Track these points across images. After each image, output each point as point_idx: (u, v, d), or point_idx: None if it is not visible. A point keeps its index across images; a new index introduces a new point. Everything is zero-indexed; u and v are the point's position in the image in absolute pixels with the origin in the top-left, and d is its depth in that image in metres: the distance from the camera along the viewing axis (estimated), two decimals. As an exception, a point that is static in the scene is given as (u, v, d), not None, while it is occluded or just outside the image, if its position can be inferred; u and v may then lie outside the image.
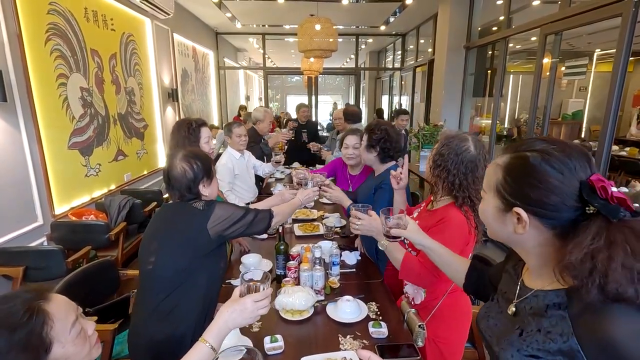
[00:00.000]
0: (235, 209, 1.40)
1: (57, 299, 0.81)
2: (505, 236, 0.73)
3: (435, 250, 1.12)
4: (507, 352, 0.70)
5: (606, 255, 0.56)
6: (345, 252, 2.01)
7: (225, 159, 2.70)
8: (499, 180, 0.70)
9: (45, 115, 2.76)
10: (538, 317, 0.67)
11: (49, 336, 0.75)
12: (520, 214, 0.66)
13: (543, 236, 0.67)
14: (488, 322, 0.81)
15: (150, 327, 1.30)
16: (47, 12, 2.82)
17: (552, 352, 0.63)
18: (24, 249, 2.40)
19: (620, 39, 2.62)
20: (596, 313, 0.58)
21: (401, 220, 1.14)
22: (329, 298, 1.60)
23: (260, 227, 1.45)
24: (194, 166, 1.33)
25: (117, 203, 3.16)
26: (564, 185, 0.62)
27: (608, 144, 2.83)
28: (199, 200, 1.36)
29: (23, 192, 2.60)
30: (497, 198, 0.71)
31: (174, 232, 1.32)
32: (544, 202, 0.63)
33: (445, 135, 1.42)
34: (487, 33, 4.94)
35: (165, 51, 5.17)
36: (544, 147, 0.65)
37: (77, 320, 0.82)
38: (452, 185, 1.33)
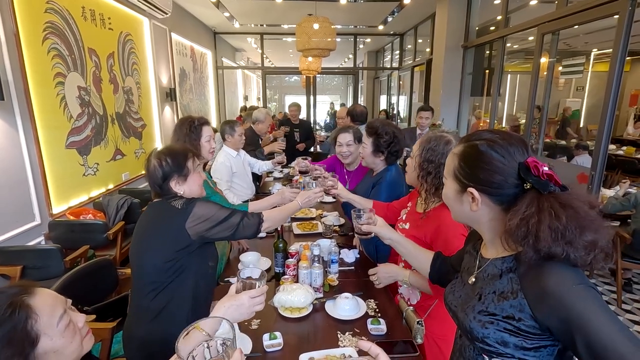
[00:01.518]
0: (219, 209, 1.33)
1: (42, 293, 0.81)
2: (465, 215, 0.85)
3: (401, 243, 1.25)
4: (470, 316, 0.81)
5: (536, 219, 0.68)
6: (344, 250, 2.01)
7: (223, 157, 2.70)
8: (455, 166, 0.83)
9: (43, 114, 2.75)
10: (493, 280, 0.80)
11: (34, 330, 0.75)
12: (474, 193, 0.78)
13: (493, 211, 0.79)
14: (453, 296, 0.92)
15: (142, 327, 1.31)
16: (45, 11, 2.82)
17: (505, 309, 0.74)
18: (22, 248, 2.39)
19: (617, 37, 2.64)
20: (535, 270, 0.71)
21: (371, 219, 1.26)
22: (327, 295, 1.60)
23: (247, 232, 1.37)
24: (163, 163, 1.30)
25: (115, 202, 3.16)
26: (505, 166, 0.75)
27: (605, 143, 2.85)
28: (179, 198, 1.32)
29: (20, 191, 2.59)
30: (455, 182, 0.83)
31: (154, 231, 1.31)
32: (490, 181, 0.76)
33: (427, 138, 1.40)
34: (485, 33, 4.96)
35: (163, 51, 5.16)
36: (490, 137, 0.78)
37: (65, 313, 0.83)
38: None
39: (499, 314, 0.75)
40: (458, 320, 0.87)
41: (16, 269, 2.24)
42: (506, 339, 0.75)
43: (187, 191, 1.35)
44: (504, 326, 0.75)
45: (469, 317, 0.81)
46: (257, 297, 0.97)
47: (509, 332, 0.74)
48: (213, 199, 1.84)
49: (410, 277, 1.38)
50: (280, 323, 1.44)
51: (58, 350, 0.79)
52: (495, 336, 0.76)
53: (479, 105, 6.63)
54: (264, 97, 9.38)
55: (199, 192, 1.39)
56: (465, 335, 0.86)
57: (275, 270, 1.79)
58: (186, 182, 1.34)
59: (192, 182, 1.35)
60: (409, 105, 8.17)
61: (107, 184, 3.68)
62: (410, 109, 8.12)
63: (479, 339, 0.79)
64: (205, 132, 1.86)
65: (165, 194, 1.33)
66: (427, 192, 1.39)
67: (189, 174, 1.34)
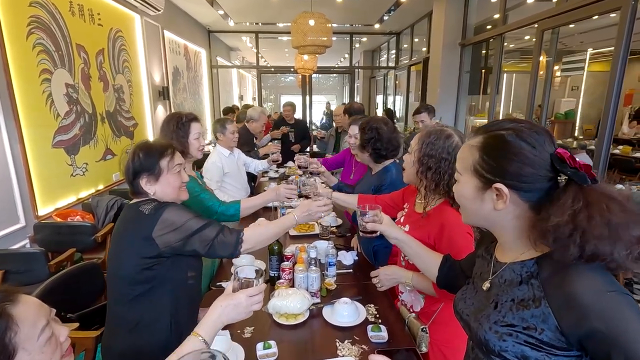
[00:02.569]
0: (192, 218, 1.18)
1: (26, 302, 0.75)
2: (483, 215, 0.76)
3: (408, 243, 1.17)
4: (485, 326, 0.73)
5: (586, 214, 0.61)
6: (342, 252, 1.93)
7: (215, 157, 2.61)
8: (476, 160, 0.73)
9: (28, 112, 2.64)
10: (511, 287, 0.72)
11: (12, 342, 0.69)
12: (501, 189, 0.70)
13: (519, 209, 0.71)
14: (465, 303, 0.84)
15: (119, 338, 1.23)
16: (29, 4, 2.71)
17: (526, 319, 0.67)
18: (4, 251, 2.27)
19: (619, 34, 2.58)
20: (561, 275, 0.64)
21: (377, 217, 1.18)
22: (325, 300, 1.52)
23: (223, 251, 1.21)
24: (135, 158, 1.21)
25: (105, 203, 3.05)
26: (537, 157, 0.67)
27: (607, 143, 2.79)
28: (150, 201, 1.21)
29: (4, 192, 2.48)
30: (475, 177, 0.74)
31: (124, 238, 1.21)
32: (520, 174, 0.68)
33: (426, 132, 1.32)
34: (483, 31, 4.91)
35: (155, 48, 5.05)
36: (515, 126, 0.70)
37: (48, 325, 0.75)
38: (448, 187, 1.24)
39: (519, 324, 0.68)
40: (471, 330, 0.79)
41: (-2, 273, 2.13)
42: (527, 353, 0.67)
43: (158, 192, 1.24)
44: (524, 339, 0.67)
45: (483, 327, 0.73)
46: (256, 296, 0.91)
47: (530, 346, 0.66)
48: (202, 197, 1.76)
49: (414, 279, 1.30)
50: (275, 331, 1.36)
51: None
52: (514, 350, 0.68)
53: (475, 105, 6.60)
54: (260, 96, 9.29)
55: (173, 195, 1.27)
56: (479, 348, 0.78)
57: (270, 274, 1.70)
58: (158, 182, 1.23)
59: (165, 184, 1.24)
60: (406, 105, 8.12)
61: (97, 185, 3.57)
62: (407, 108, 8.07)
63: (496, 352, 0.71)
64: (193, 129, 1.76)
65: (137, 192, 1.24)
66: (427, 188, 1.32)
67: (161, 173, 1.23)
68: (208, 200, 1.77)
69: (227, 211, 1.76)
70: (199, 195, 1.74)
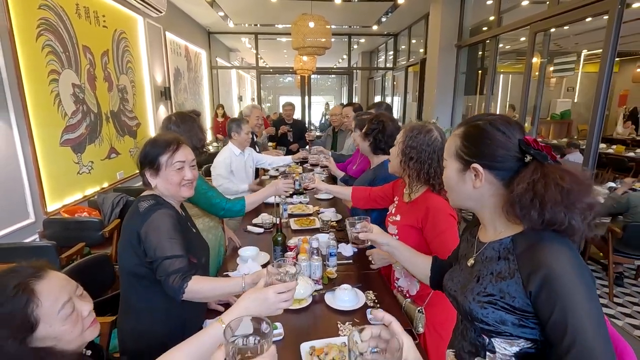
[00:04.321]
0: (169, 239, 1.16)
1: (52, 277, 0.81)
2: (466, 194, 0.87)
3: (399, 249, 1.24)
4: (469, 298, 0.84)
5: (542, 183, 0.73)
6: (342, 245, 2.02)
7: (225, 154, 2.70)
8: (457, 146, 0.87)
9: (37, 111, 2.73)
10: (491, 263, 0.83)
11: (34, 315, 0.75)
12: (477, 168, 0.82)
13: (495, 187, 0.83)
14: (452, 282, 0.95)
15: (130, 322, 1.30)
16: (39, 7, 2.80)
17: (502, 289, 0.77)
18: (17, 245, 2.36)
19: (606, 36, 2.69)
20: (533, 248, 0.74)
21: (366, 227, 1.24)
22: (326, 288, 1.61)
23: (168, 289, 1.14)
24: (142, 150, 1.26)
25: (111, 200, 3.13)
26: (507, 141, 0.80)
27: (596, 141, 2.90)
28: (150, 197, 1.25)
29: (15, 188, 2.56)
30: (457, 161, 0.87)
31: (125, 230, 1.25)
32: (494, 155, 0.81)
33: (409, 127, 1.48)
34: (478, 32, 5.02)
35: (157, 49, 5.14)
36: (490, 118, 0.84)
37: (70, 301, 0.82)
38: (427, 175, 1.42)
39: (497, 294, 0.78)
40: (457, 303, 0.89)
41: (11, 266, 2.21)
42: (504, 317, 0.77)
43: (159, 186, 1.27)
44: (501, 305, 0.77)
45: (467, 299, 0.83)
46: (284, 294, 0.91)
47: (506, 311, 0.76)
48: (210, 194, 1.84)
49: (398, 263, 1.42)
50: (280, 314, 1.45)
51: (57, 337, 0.79)
52: (494, 316, 0.78)
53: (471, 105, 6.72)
54: (259, 97, 9.38)
55: (173, 190, 1.28)
56: (465, 318, 0.88)
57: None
58: (158, 177, 1.26)
59: (165, 179, 1.26)
60: (404, 106, 8.23)
61: (102, 183, 3.65)
62: (404, 109, 8.18)
63: (479, 319, 0.81)
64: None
65: (145, 183, 1.29)
66: (410, 177, 1.47)
67: (160, 168, 1.25)
68: (215, 197, 1.85)
69: (234, 207, 1.86)
70: (206, 193, 1.82)
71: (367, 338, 0.62)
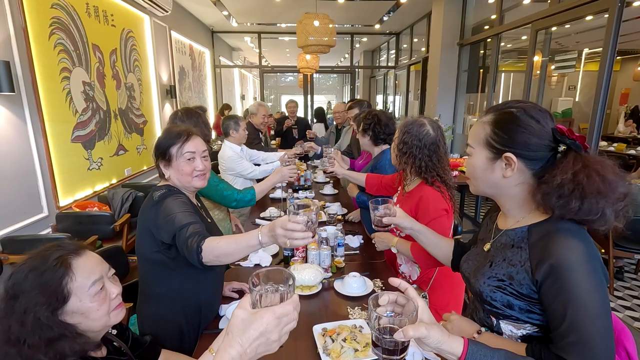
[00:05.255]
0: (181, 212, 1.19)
1: (88, 256, 0.87)
2: (492, 183, 0.85)
3: (423, 232, 1.22)
4: (480, 281, 0.86)
5: (585, 173, 0.72)
6: (349, 236, 2.09)
7: (230, 151, 2.74)
8: (488, 134, 0.83)
9: (50, 108, 2.79)
10: (505, 249, 0.84)
11: (67, 287, 0.80)
12: (510, 157, 0.80)
13: (524, 176, 0.82)
14: (468, 264, 0.98)
15: (149, 309, 1.35)
16: (51, 6, 2.86)
17: (511, 276, 0.79)
18: (32, 237, 2.43)
19: (606, 35, 2.74)
20: (547, 238, 0.75)
21: (389, 210, 1.22)
22: (335, 276, 1.67)
23: (190, 257, 1.12)
24: (156, 142, 1.30)
25: (120, 195, 3.20)
26: (541, 129, 0.78)
27: (596, 140, 2.96)
28: (164, 187, 1.30)
29: (29, 183, 2.63)
30: (487, 149, 0.84)
31: (140, 219, 1.30)
32: (528, 143, 0.79)
33: (404, 122, 1.54)
34: (480, 31, 5.07)
35: (163, 48, 5.21)
36: (522, 105, 0.82)
37: (100, 280, 0.86)
38: (419, 169, 1.48)
39: (507, 280, 0.81)
40: (470, 285, 0.93)
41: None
42: (512, 302, 0.80)
43: (172, 177, 1.30)
44: (510, 291, 0.80)
45: (479, 281, 0.87)
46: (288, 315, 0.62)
47: (514, 296, 0.80)
48: (221, 186, 1.91)
49: (398, 244, 1.52)
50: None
51: (84, 312, 0.83)
52: (502, 299, 0.82)
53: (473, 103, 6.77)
54: (262, 96, 9.44)
55: (185, 181, 1.30)
56: (476, 298, 0.93)
57: (284, 253, 1.86)
58: (171, 167, 1.29)
59: (177, 169, 1.29)
60: (405, 104, 8.28)
61: (111, 179, 3.72)
62: (406, 107, 8.23)
63: (487, 301, 0.85)
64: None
65: (160, 175, 1.34)
66: (404, 170, 1.56)
67: (172, 159, 1.29)
68: (226, 189, 1.93)
69: (245, 197, 1.94)
70: (217, 185, 1.90)
71: (385, 303, 0.68)
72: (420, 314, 0.66)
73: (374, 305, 0.67)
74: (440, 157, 1.48)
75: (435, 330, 0.65)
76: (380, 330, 0.66)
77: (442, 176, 1.47)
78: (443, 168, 1.49)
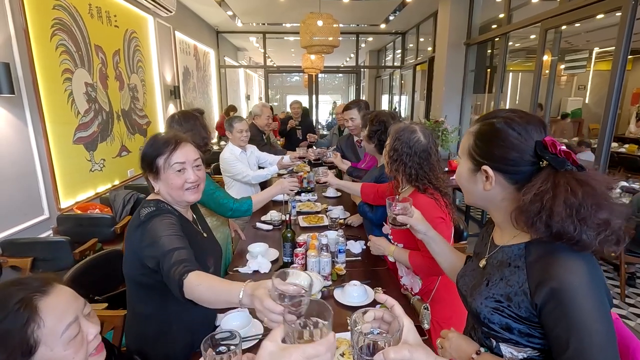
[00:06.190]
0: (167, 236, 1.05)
1: (59, 294, 0.73)
2: (478, 195, 0.83)
3: (437, 241, 1.14)
4: (477, 301, 0.81)
5: (551, 194, 0.67)
6: (350, 242, 2.04)
7: (227, 154, 2.71)
8: (470, 144, 0.81)
9: (51, 109, 2.78)
10: (502, 268, 0.79)
11: (34, 335, 0.67)
12: (488, 171, 0.77)
13: (506, 191, 0.78)
14: (464, 280, 0.93)
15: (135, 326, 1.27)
16: (53, 7, 2.85)
17: (509, 297, 0.74)
18: (32, 240, 2.42)
19: (619, 34, 2.65)
20: (547, 258, 0.70)
21: (407, 210, 1.14)
22: (335, 284, 1.63)
23: (171, 285, 0.99)
24: (141, 154, 1.17)
25: (122, 197, 3.18)
26: (522, 143, 0.74)
27: (607, 141, 2.86)
28: (152, 203, 1.16)
29: (30, 185, 2.62)
30: (469, 160, 0.82)
31: (127, 236, 1.17)
32: (506, 158, 0.75)
33: (395, 129, 1.49)
34: (487, 30, 4.98)
35: (167, 49, 5.20)
36: (508, 115, 0.77)
37: (76, 322, 0.73)
38: (409, 177, 1.43)
39: (504, 301, 0.75)
40: (467, 304, 0.88)
41: (26, 260, 2.27)
42: (511, 325, 0.75)
43: (162, 191, 1.18)
44: (508, 313, 0.75)
45: (476, 301, 0.81)
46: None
47: (513, 319, 0.74)
48: (217, 194, 1.84)
49: (395, 253, 1.48)
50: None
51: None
52: (500, 322, 0.76)
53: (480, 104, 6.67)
54: (267, 96, 9.42)
55: (176, 195, 1.18)
56: (473, 318, 0.87)
57: (284, 260, 1.81)
58: (160, 180, 1.17)
59: (166, 182, 1.16)
60: (411, 104, 8.19)
61: (113, 180, 3.71)
62: (412, 108, 8.15)
63: (485, 323, 0.79)
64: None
65: (150, 187, 1.22)
66: (395, 178, 1.52)
67: (159, 172, 1.16)
68: (223, 197, 1.86)
69: (241, 207, 1.87)
70: (214, 193, 1.83)
71: (370, 319, 0.62)
72: (404, 334, 0.60)
73: (356, 323, 0.61)
74: (432, 164, 1.43)
75: (420, 353, 0.58)
76: (362, 350, 0.61)
77: (435, 183, 1.42)
78: (435, 176, 1.44)
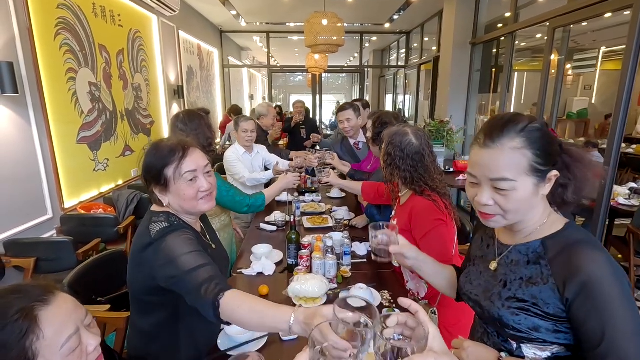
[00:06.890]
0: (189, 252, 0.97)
1: (59, 303, 0.70)
2: (530, 206, 0.77)
3: (428, 263, 1.06)
4: (497, 304, 0.80)
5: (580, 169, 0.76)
6: (356, 243, 2.01)
7: (230, 153, 2.69)
8: (531, 158, 0.72)
9: (55, 109, 2.78)
10: (519, 267, 0.79)
11: (32, 347, 0.64)
12: (555, 174, 0.76)
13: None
14: (471, 285, 0.90)
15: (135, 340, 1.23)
16: (57, 7, 2.84)
17: (535, 295, 0.74)
18: (35, 240, 2.41)
19: (630, 32, 2.59)
20: (568, 253, 0.72)
21: (390, 238, 1.00)
22: (341, 287, 1.60)
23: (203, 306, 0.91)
24: (143, 166, 1.07)
25: (125, 197, 3.17)
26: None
27: (618, 142, 2.81)
28: (162, 218, 1.06)
29: (33, 185, 2.62)
30: (532, 177, 0.73)
31: (133, 251, 1.08)
32: (555, 152, 0.76)
33: (387, 133, 1.48)
34: (493, 29, 4.93)
35: (171, 48, 5.19)
36: (529, 116, 0.76)
37: (76, 334, 0.70)
38: (405, 180, 1.42)
39: (529, 300, 0.75)
40: (482, 309, 0.85)
41: (30, 260, 2.26)
42: (538, 324, 0.74)
43: (172, 204, 1.08)
44: (534, 312, 0.74)
45: (496, 305, 0.80)
46: None
47: (540, 317, 0.74)
48: (232, 192, 1.85)
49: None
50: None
51: None
52: (527, 322, 0.75)
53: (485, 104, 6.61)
54: (270, 96, 9.40)
55: (189, 206, 1.08)
56: (491, 324, 0.85)
57: (288, 262, 1.79)
58: (169, 192, 1.07)
59: (176, 194, 1.06)
60: (416, 104, 8.14)
61: (117, 180, 3.70)
62: (416, 108, 8.10)
63: (510, 326, 0.78)
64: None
65: (156, 201, 1.11)
66: (391, 183, 1.52)
67: (169, 183, 1.05)
68: (238, 194, 1.89)
69: (257, 202, 1.93)
70: (229, 191, 1.86)
71: (393, 324, 0.61)
72: (430, 341, 0.59)
73: (378, 329, 0.59)
74: (427, 166, 1.40)
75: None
76: (386, 356, 0.58)
77: (431, 185, 1.39)
78: (431, 177, 1.41)
